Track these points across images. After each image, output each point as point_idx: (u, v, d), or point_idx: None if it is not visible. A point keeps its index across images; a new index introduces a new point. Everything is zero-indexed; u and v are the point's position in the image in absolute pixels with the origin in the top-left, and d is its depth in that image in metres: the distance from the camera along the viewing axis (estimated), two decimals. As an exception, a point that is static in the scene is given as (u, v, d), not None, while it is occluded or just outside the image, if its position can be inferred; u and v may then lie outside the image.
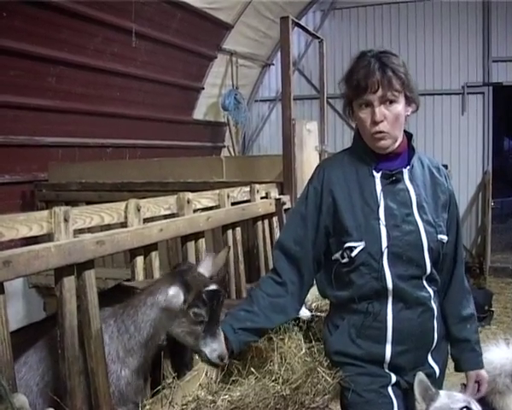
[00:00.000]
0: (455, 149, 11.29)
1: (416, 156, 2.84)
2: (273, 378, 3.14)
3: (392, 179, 2.73)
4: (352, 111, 2.79)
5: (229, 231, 4.42)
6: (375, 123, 2.63)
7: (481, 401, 2.86)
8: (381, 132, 2.64)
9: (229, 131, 11.44)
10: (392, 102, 2.63)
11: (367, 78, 2.60)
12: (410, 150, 2.81)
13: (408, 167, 2.78)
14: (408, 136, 2.83)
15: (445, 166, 9.80)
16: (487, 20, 10.99)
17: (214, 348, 2.70)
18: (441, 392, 2.70)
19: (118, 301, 3.27)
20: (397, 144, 2.75)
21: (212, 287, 2.78)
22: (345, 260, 2.71)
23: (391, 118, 2.63)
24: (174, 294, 2.77)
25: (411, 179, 2.77)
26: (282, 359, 3.33)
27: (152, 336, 2.90)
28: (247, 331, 2.77)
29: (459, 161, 11.24)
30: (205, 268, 3.00)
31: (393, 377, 2.75)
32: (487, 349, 3.34)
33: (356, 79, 2.64)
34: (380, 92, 2.60)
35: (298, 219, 2.85)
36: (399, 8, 11.48)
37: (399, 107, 2.65)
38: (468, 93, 11.21)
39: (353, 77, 2.66)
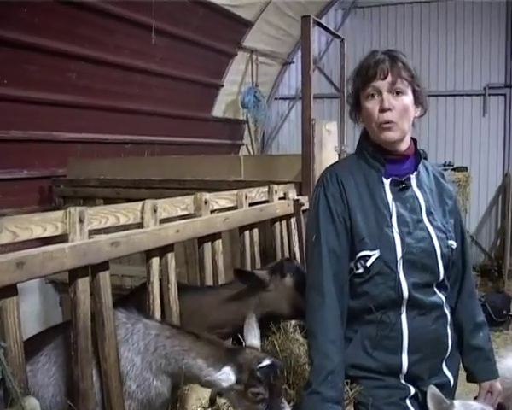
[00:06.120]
0: (475, 150, 11.15)
1: (421, 162, 2.80)
2: (286, 384, 3.12)
3: (401, 186, 2.69)
4: (358, 112, 2.76)
5: (247, 232, 4.39)
6: (383, 111, 2.58)
7: (498, 408, 2.81)
8: (388, 122, 2.58)
9: (248, 129, 11.39)
10: (400, 93, 2.59)
11: (376, 65, 2.58)
12: (417, 156, 2.77)
13: (415, 173, 2.74)
14: (414, 141, 2.78)
15: (465, 169, 9.83)
16: (510, 20, 10.85)
17: None
18: (456, 403, 2.62)
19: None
20: (405, 146, 2.71)
21: (265, 362, 2.60)
22: (359, 271, 2.64)
23: (399, 108, 2.59)
24: (224, 372, 2.58)
25: (419, 185, 2.74)
26: (287, 362, 3.32)
27: (193, 381, 2.84)
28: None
29: (479, 163, 11.11)
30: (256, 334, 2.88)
31: (412, 390, 2.68)
32: (506, 355, 3.29)
33: (365, 66, 2.62)
34: (389, 79, 2.57)
35: (330, 231, 2.66)
36: (421, 7, 11.33)
37: (408, 99, 2.62)
38: (489, 94, 11.07)
39: (363, 66, 2.65)
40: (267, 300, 3.49)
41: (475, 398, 2.87)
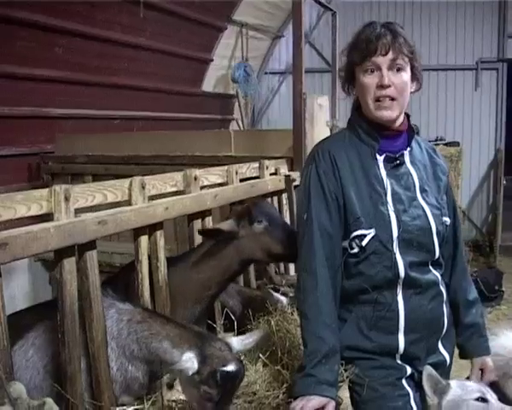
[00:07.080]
0: (467, 125, 11.15)
1: (414, 137, 2.74)
2: (280, 364, 3.07)
3: (395, 163, 2.62)
4: (351, 85, 2.68)
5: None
6: (382, 87, 2.50)
7: (492, 386, 2.77)
8: (387, 97, 2.51)
9: (238, 104, 11.29)
10: (399, 69, 2.51)
11: (378, 39, 2.49)
12: (410, 131, 2.71)
13: (408, 149, 2.68)
14: (407, 116, 2.71)
15: (457, 144, 9.81)
16: (503, -6, 10.79)
17: None
18: (452, 383, 2.59)
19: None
20: (399, 122, 2.64)
21: (230, 368, 2.51)
22: (355, 251, 2.57)
23: (398, 85, 2.51)
24: (187, 359, 2.53)
25: (412, 162, 2.68)
26: (283, 341, 3.26)
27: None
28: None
29: (471, 137, 11.12)
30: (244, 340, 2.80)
31: (408, 370, 2.64)
32: (499, 333, 3.27)
33: (365, 40, 2.52)
34: (390, 55, 2.48)
35: (322, 209, 2.59)
36: (414, -20, 11.26)
37: (406, 76, 2.54)
38: (481, 69, 11.07)
39: (361, 38, 2.54)
40: (241, 247, 3.39)
41: (467, 378, 2.83)
